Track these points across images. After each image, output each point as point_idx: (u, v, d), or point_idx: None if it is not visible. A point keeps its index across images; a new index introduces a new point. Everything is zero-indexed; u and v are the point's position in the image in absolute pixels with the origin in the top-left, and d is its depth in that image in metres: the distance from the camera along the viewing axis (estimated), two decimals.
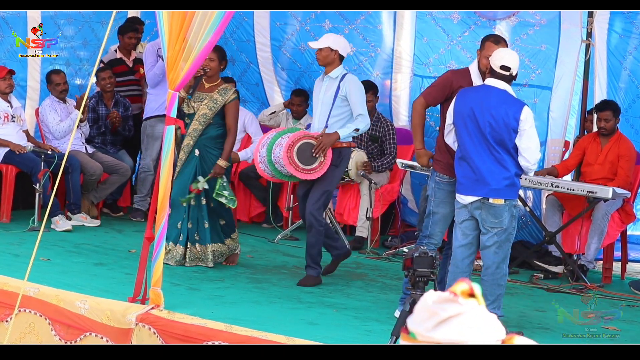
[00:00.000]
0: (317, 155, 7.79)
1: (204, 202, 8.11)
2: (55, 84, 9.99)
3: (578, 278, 8.70)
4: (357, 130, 7.86)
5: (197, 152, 8.11)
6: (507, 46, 7.10)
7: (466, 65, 10.23)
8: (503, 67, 6.66)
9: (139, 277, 6.58)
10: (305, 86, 11.01)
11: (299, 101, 10.66)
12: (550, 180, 8.83)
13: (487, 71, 6.80)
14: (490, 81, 6.70)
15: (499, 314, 6.78)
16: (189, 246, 8.12)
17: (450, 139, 6.89)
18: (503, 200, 6.65)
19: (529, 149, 6.62)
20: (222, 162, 8.05)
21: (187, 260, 8.11)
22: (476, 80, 6.99)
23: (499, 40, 7.04)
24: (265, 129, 10.96)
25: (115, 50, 10.89)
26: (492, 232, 6.67)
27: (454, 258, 6.87)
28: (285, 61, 11.19)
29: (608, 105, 9.16)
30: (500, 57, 6.71)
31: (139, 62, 10.77)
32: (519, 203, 6.77)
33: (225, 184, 8.08)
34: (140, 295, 6.53)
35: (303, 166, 7.80)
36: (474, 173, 6.68)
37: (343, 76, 7.97)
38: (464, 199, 6.76)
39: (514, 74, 6.68)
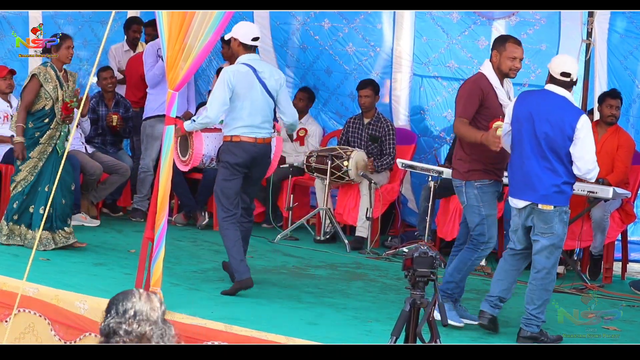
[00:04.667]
0: (176, 140, 7.64)
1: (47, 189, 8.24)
2: None
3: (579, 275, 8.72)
4: (194, 121, 7.56)
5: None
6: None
7: (466, 64, 10.32)
8: (564, 74, 6.65)
9: (138, 277, 6.58)
10: (309, 84, 11.01)
11: (301, 96, 10.69)
12: None
13: (510, 72, 6.91)
14: (550, 87, 6.70)
15: (542, 318, 6.75)
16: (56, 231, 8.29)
17: (508, 140, 6.86)
18: (552, 206, 6.62)
19: (582, 159, 6.55)
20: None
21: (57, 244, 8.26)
22: (495, 83, 6.99)
23: (519, 41, 7.08)
24: None
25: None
26: (544, 238, 6.64)
27: (505, 263, 6.87)
28: (288, 60, 11.20)
29: (618, 94, 9.18)
30: (561, 63, 6.71)
31: None
32: (568, 209, 6.74)
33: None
34: None
35: (181, 157, 7.82)
36: (524, 177, 6.67)
37: None
38: (516, 202, 6.75)
39: (574, 80, 6.67)
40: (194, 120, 7.55)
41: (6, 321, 6.43)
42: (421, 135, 10.59)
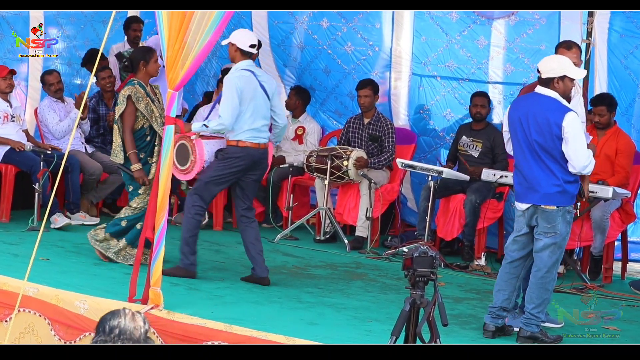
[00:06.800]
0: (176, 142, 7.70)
1: None
2: (49, 84, 9.99)
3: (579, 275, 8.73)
4: (206, 126, 7.62)
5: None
6: (579, 50, 7.06)
7: (465, 64, 10.33)
8: (537, 70, 6.66)
9: (133, 276, 6.58)
10: (306, 83, 11.02)
11: (291, 94, 10.72)
12: None
13: None
14: (539, 88, 6.68)
15: (543, 318, 6.74)
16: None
17: (509, 147, 6.90)
18: (555, 206, 6.60)
19: (575, 156, 6.50)
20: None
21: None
22: None
23: (570, 46, 7.04)
24: None
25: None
26: (547, 237, 6.62)
27: (503, 273, 6.85)
28: (285, 59, 11.21)
29: (602, 100, 9.16)
30: (541, 61, 6.71)
31: None
32: (573, 209, 6.71)
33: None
34: (138, 294, 6.53)
35: (180, 167, 7.92)
36: (526, 181, 6.67)
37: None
38: (520, 206, 6.75)
39: (542, 77, 6.57)
40: (206, 126, 7.60)
41: (6, 321, 6.44)
42: (421, 135, 10.59)
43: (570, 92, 6.70)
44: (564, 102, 6.59)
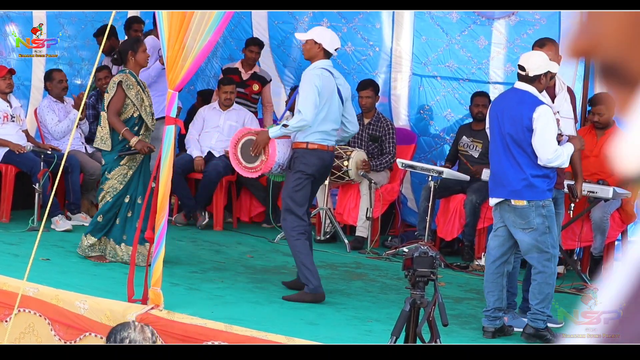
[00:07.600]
0: (253, 154, 7.42)
1: (139, 201, 7.92)
2: (58, 80, 9.93)
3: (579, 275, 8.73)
4: (285, 126, 7.29)
5: None
6: (554, 46, 7.09)
7: (465, 64, 10.34)
8: (520, 67, 6.68)
9: (130, 276, 6.58)
10: None
11: (290, 94, 10.74)
12: None
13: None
14: (518, 84, 6.72)
15: (548, 313, 6.75)
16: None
17: None
18: (525, 201, 6.61)
19: (541, 148, 6.53)
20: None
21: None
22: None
23: (543, 43, 7.08)
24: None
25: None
26: (526, 234, 6.62)
27: (488, 274, 6.86)
28: (285, 59, 11.21)
29: (601, 100, 9.16)
30: (521, 58, 6.75)
31: (255, 77, 10.81)
32: (548, 203, 6.70)
33: None
34: (137, 295, 6.53)
35: (246, 164, 7.51)
36: (495, 176, 6.71)
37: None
38: (491, 200, 6.80)
39: (530, 75, 6.60)
40: (285, 125, 7.26)
41: (6, 321, 6.44)
42: (421, 135, 10.60)
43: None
44: (540, 96, 6.65)
